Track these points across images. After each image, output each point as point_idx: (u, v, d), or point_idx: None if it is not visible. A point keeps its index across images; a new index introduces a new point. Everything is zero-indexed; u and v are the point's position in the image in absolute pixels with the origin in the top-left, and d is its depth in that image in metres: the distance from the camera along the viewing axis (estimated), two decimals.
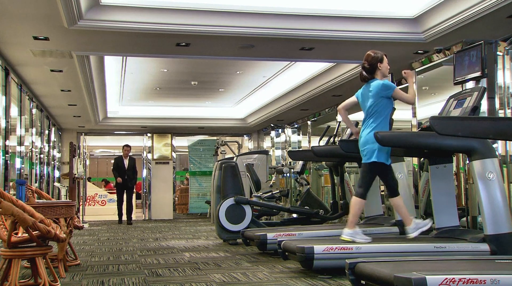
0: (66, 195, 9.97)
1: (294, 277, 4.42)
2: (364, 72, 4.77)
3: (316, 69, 8.62)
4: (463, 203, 6.23)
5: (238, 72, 9.18)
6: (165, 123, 13.32)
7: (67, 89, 8.94)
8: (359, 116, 5.02)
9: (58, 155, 13.38)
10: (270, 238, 5.53)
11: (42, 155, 10.62)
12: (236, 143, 14.42)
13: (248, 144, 15.57)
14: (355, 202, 4.68)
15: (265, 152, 10.67)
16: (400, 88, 4.84)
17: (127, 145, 12.00)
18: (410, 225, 4.65)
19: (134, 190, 12.33)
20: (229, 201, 6.91)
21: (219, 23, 5.95)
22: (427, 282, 2.88)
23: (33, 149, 9.54)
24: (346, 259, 3.67)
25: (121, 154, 12.03)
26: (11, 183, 7.17)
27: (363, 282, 3.44)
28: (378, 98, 4.65)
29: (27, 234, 3.69)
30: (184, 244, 7.06)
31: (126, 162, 11.78)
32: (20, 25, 5.58)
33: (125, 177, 11.63)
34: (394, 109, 4.96)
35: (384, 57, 4.76)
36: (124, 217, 11.59)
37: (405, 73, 4.90)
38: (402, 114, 6.57)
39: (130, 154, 12.06)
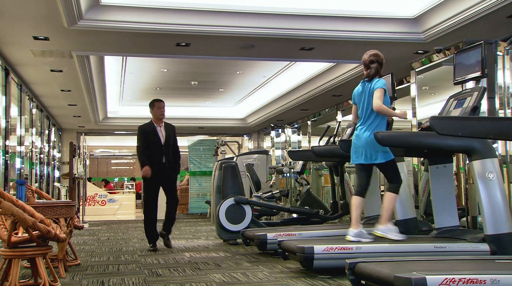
0: (66, 195, 9.97)
1: (294, 277, 4.41)
2: (373, 70, 4.67)
3: (316, 69, 8.62)
4: (463, 203, 6.23)
5: (238, 72, 9.19)
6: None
7: (67, 89, 8.95)
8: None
9: (58, 155, 13.39)
10: (270, 238, 5.52)
11: (42, 155, 10.63)
12: (236, 143, 14.42)
13: (248, 144, 15.58)
14: (389, 196, 4.69)
15: (265, 152, 10.67)
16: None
17: (159, 100, 6.56)
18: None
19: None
20: (229, 201, 6.91)
21: (219, 23, 5.96)
22: (427, 282, 2.88)
23: (33, 149, 9.54)
24: (346, 259, 3.66)
25: (151, 119, 6.53)
26: (11, 183, 7.17)
27: (363, 282, 3.44)
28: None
29: (27, 234, 3.69)
30: (184, 244, 7.06)
31: (161, 132, 6.47)
32: (20, 25, 5.59)
33: (162, 160, 6.27)
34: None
35: None
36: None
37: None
38: None
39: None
